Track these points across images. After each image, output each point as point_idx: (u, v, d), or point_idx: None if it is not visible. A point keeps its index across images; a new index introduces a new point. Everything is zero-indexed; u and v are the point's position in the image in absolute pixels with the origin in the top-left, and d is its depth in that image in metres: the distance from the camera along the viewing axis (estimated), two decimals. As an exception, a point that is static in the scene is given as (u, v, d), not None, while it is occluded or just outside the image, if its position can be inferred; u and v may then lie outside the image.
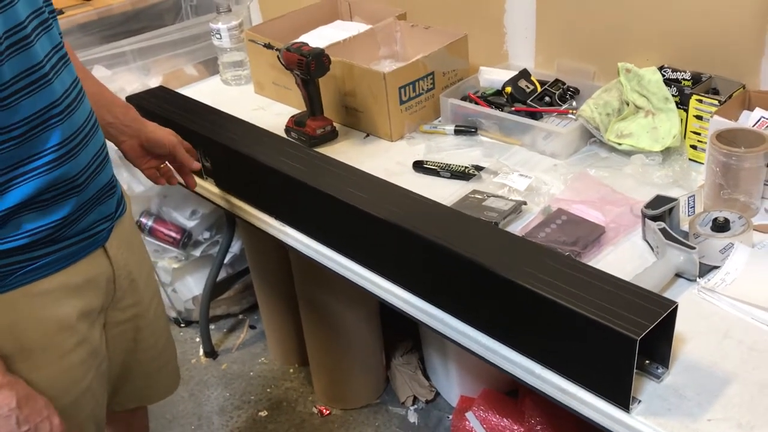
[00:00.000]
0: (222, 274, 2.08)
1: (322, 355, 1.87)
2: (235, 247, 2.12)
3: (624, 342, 0.78)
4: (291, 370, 2.04)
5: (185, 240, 2.02)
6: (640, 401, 0.84)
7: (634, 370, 0.81)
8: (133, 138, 1.20)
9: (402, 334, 1.95)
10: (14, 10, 0.83)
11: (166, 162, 1.29)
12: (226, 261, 2.07)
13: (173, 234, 2.01)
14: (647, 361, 0.88)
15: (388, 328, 1.87)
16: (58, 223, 0.93)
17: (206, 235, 2.08)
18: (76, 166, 0.93)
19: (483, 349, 0.99)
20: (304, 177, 1.20)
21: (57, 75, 0.90)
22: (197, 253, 2.07)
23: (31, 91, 0.85)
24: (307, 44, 1.46)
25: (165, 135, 1.23)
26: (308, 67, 1.42)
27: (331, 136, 1.53)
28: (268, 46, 1.58)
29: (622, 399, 0.83)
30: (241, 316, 2.25)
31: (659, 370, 0.87)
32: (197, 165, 1.28)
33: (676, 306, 0.82)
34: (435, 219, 1.05)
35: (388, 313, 1.14)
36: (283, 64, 1.47)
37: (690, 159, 1.29)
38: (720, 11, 1.28)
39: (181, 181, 1.33)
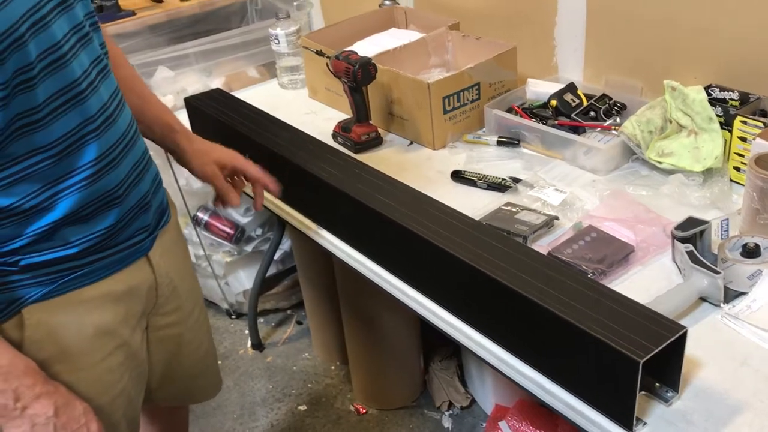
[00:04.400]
0: (272, 270, 2.15)
1: (361, 355, 1.91)
2: (286, 244, 2.18)
3: (628, 363, 0.79)
4: (332, 368, 2.09)
5: (238, 235, 2.10)
6: (645, 423, 0.85)
7: (638, 392, 0.81)
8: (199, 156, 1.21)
9: (442, 339, 1.97)
10: (50, 31, 0.83)
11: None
12: (276, 257, 2.14)
13: (227, 229, 2.09)
14: (657, 384, 0.88)
15: (429, 332, 1.89)
16: (102, 233, 0.95)
17: (258, 231, 2.15)
18: (115, 177, 0.94)
19: (496, 359, 1.01)
20: (340, 184, 1.24)
21: (94, 90, 0.91)
22: (249, 248, 2.15)
23: (66, 109, 0.86)
24: (355, 53, 1.50)
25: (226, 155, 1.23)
26: (355, 76, 1.46)
27: (376, 143, 1.57)
28: (320, 53, 1.63)
29: (626, 420, 0.83)
30: (288, 312, 2.32)
31: (669, 394, 0.87)
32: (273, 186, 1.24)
33: (686, 331, 0.82)
34: (462, 234, 1.07)
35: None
36: (331, 72, 1.52)
37: (732, 181, 1.26)
38: (762, 32, 1.25)
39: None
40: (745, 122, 1.23)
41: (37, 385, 0.87)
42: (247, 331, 2.21)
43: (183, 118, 1.71)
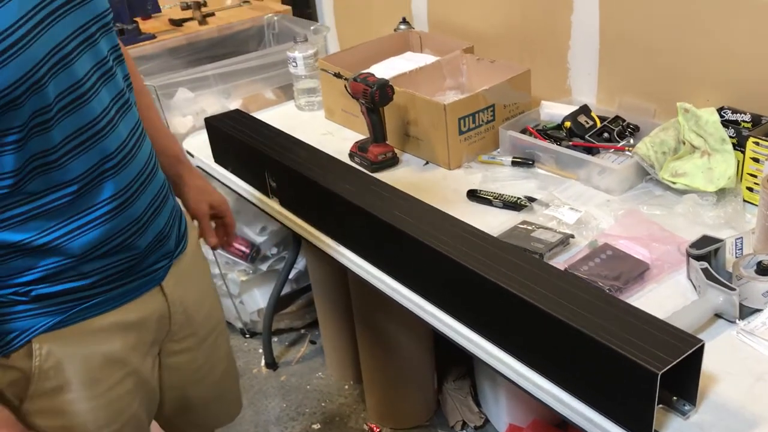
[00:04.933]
0: (286, 289, 2.17)
1: (375, 374, 1.92)
2: (300, 263, 2.21)
3: (647, 376, 0.80)
4: (346, 387, 2.10)
5: (253, 254, 2.13)
6: (663, 436, 0.86)
7: (657, 405, 0.83)
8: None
9: (456, 359, 1.98)
10: (71, 69, 0.83)
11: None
12: (291, 277, 2.16)
13: (243, 248, 2.12)
14: (675, 398, 0.89)
15: (442, 352, 1.91)
16: (118, 266, 0.95)
17: (274, 251, 2.18)
18: (134, 212, 0.94)
19: (513, 372, 1.02)
20: (358, 200, 1.27)
21: (113, 128, 0.90)
22: (264, 267, 2.18)
23: (84, 149, 0.86)
24: (373, 75, 1.54)
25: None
26: (372, 97, 1.50)
27: (392, 162, 1.59)
28: (338, 75, 1.67)
29: (645, 432, 0.84)
30: (302, 331, 2.33)
31: (686, 407, 0.88)
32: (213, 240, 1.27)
33: (703, 344, 0.83)
34: (478, 248, 1.09)
35: (442, 337, 1.17)
36: (349, 93, 1.56)
37: (745, 201, 1.28)
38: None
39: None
40: (757, 143, 1.25)
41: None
42: (261, 350, 2.23)
43: (203, 138, 1.75)
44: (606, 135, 1.50)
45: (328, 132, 1.82)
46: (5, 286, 0.89)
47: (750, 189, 1.28)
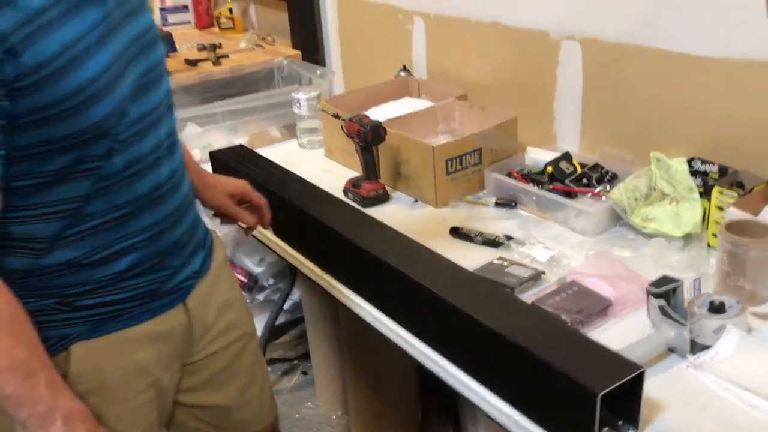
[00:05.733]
0: (281, 320, 2.25)
1: (361, 406, 1.97)
2: (296, 295, 2.28)
3: (589, 396, 0.87)
4: (334, 417, 2.15)
5: (251, 284, 2.21)
6: (607, 457, 0.92)
7: (603, 428, 0.89)
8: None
9: (439, 393, 2.03)
10: (142, 102, 0.96)
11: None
12: (285, 307, 2.23)
13: (241, 278, 2.20)
14: (620, 422, 0.95)
15: (427, 387, 1.96)
16: (154, 283, 1.05)
17: (270, 281, 2.26)
18: (175, 235, 1.05)
19: (479, 399, 1.08)
20: (347, 232, 1.36)
21: (167, 158, 1.02)
22: (261, 297, 2.25)
23: (141, 176, 0.97)
24: (368, 117, 1.64)
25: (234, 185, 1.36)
26: (366, 137, 1.60)
27: (383, 199, 1.68)
28: (336, 116, 1.77)
29: (588, 451, 0.90)
30: (295, 362, 2.39)
31: (630, 431, 0.94)
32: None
33: (643, 371, 0.90)
34: (451, 279, 1.17)
35: (429, 372, 1.23)
36: (345, 133, 1.65)
37: (710, 246, 1.35)
38: (746, 109, 1.36)
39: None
40: (721, 192, 1.33)
41: (65, 396, 0.93)
42: (254, 379, 2.29)
43: (207, 169, 1.84)
44: (585, 181, 1.58)
45: (328, 169, 1.91)
46: (53, 296, 0.98)
47: (714, 235, 1.35)
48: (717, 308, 1.09)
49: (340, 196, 1.70)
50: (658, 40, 1.47)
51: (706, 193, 1.37)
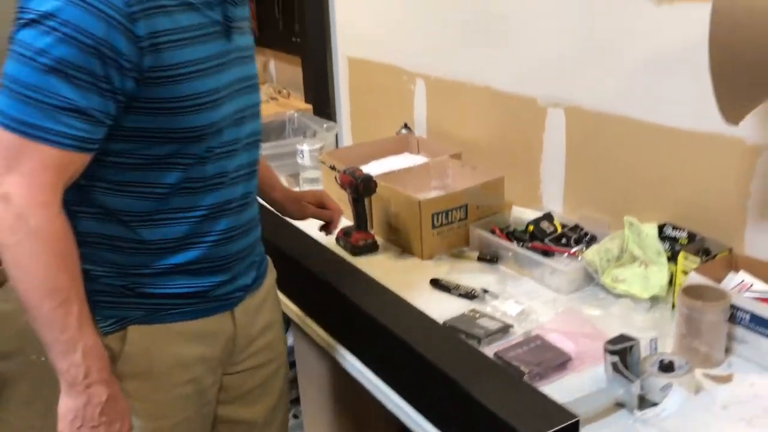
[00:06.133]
0: (275, 362, 2.30)
1: (346, 450, 2.01)
2: (289, 339, 2.34)
3: (525, 441, 0.93)
4: (319, 461, 2.18)
5: (248, 325, 2.28)
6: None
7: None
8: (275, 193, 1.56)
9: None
10: (239, 128, 1.15)
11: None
12: (280, 350, 2.30)
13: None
14: (560, 469, 1.00)
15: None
16: (206, 287, 1.18)
17: (268, 324, 2.33)
18: (236, 247, 1.20)
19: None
20: (332, 280, 1.44)
21: (246, 178, 1.20)
22: (257, 338, 2.32)
23: (222, 187, 1.14)
24: (360, 170, 1.73)
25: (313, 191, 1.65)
26: (357, 188, 1.69)
27: (372, 249, 1.76)
28: (332, 168, 1.87)
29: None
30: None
31: (568, 479, 0.99)
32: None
33: (578, 420, 0.95)
34: (423, 331, 1.25)
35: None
36: (338, 184, 1.75)
37: (674, 308, 1.40)
38: (711, 180, 1.43)
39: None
40: (686, 258, 1.38)
41: (103, 371, 1.05)
42: (246, 418, 2.34)
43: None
44: (564, 241, 1.65)
45: (323, 218, 2.00)
46: (123, 275, 1.13)
47: (680, 299, 1.41)
48: (666, 367, 1.14)
49: (333, 243, 1.79)
50: (634, 110, 1.55)
51: (673, 257, 1.43)
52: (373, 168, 1.97)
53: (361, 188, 1.69)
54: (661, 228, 1.50)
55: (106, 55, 0.96)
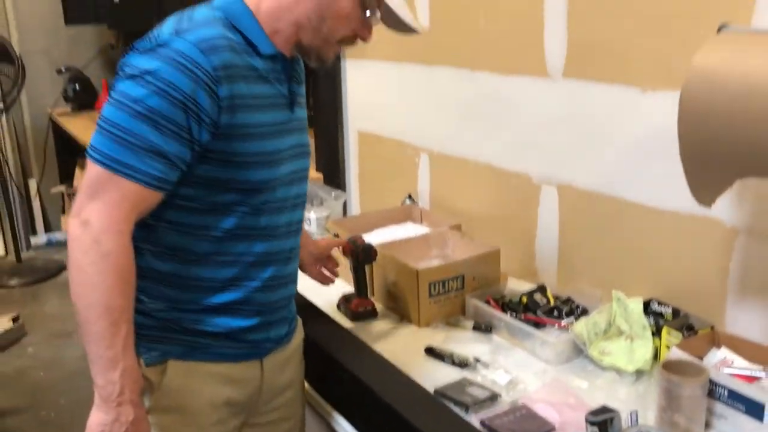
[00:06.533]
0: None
1: None
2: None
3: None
4: None
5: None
6: None
7: None
8: (305, 250, 1.64)
9: None
10: (289, 188, 1.29)
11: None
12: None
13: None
14: None
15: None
16: (241, 329, 1.28)
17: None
18: (275, 297, 1.32)
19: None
20: (327, 345, 1.51)
21: (291, 235, 1.34)
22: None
23: (270, 238, 1.28)
24: (362, 238, 1.82)
25: (325, 241, 1.77)
26: (357, 256, 1.77)
27: (371, 315, 1.83)
28: (336, 236, 1.96)
29: None
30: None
31: None
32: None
33: (550, 487, 0.99)
34: (414, 400, 1.31)
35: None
36: (340, 252, 1.83)
37: (659, 383, 1.44)
38: (691, 259, 1.50)
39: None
40: (669, 333, 1.44)
41: (135, 393, 1.13)
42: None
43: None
44: (556, 313, 1.70)
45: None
46: (172, 309, 1.24)
47: (664, 373, 1.45)
48: (637, 439, 1.19)
49: (334, 308, 1.86)
50: (622, 191, 1.64)
51: (658, 332, 1.48)
52: (376, 236, 2.06)
53: (361, 256, 1.77)
54: (647, 303, 1.56)
55: (191, 109, 1.11)
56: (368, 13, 1.26)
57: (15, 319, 3.60)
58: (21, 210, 4.70)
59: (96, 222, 1.08)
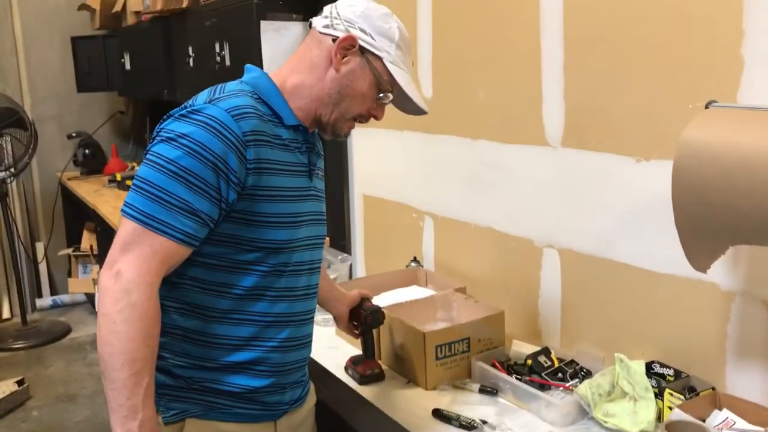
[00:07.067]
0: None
1: None
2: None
3: None
4: None
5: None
6: None
7: None
8: (341, 305, 1.76)
9: None
10: (304, 253, 1.36)
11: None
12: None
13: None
14: None
15: None
16: (257, 389, 1.33)
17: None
18: (287, 357, 1.36)
19: None
20: (339, 409, 1.54)
21: (309, 297, 1.40)
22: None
23: (288, 300, 1.34)
24: (370, 301, 1.87)
25: (353, 292, 1.80)
26: (366, 320, 1.81)
27: (379, 378, 1.86)
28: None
29: None
30: None
31: None
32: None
33: None
34: None
35: None
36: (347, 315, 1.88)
37: (663, 444, 1.47)
38: (690, 322, 1.55)
39: None
40: (671, 394, 1.47)
41: None
42: None
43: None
44: (560, 375, 1.74)
45: (334, 346, 2.11)
46: (191, 367, 1.30)
47: (667, 434, 1.48)
48: (649, 501, 1.21)
49: (342, 371, 1.89)
50: (620, 255, 1.70)
51: (660, 394, 1.52)
52: (383, 299, 2.11)
53: (369, 320, 1.81)
54: (649, 365, 1.60)
55: (221, 169, 1.19)
56: (382, 95, 1.36)
57: (20, 383, 3.61)
58: (28, 273, 4.75)
59: (127, 273, 1.14)
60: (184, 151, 1.18)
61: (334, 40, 1.33)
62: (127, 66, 4.38)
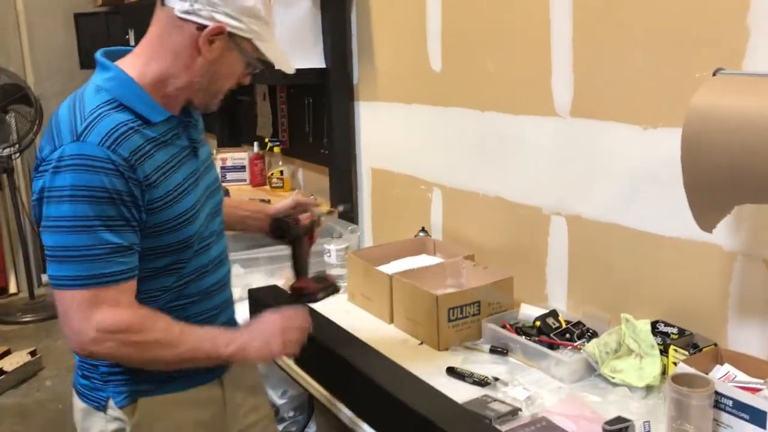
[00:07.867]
0: (296, 450, 2.42)
1: None
2: (312, 429, 2.47)
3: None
4: None
5: (272, 415, 2.41)
6: None
7: None
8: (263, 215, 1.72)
9: None
10: (202, 215, 1.37)
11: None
12: (301, 439, 2.42)
13: (264, 407, 2.41)
14: None
15: None
16: None
17: (291, 414, 2.46)
18: (217, 323, 1.43)
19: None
20: (362, 366, 1.61)
21: (214, 244, 1.44)
22: (280, 428, 2.44)
23: (203, 277, 1.40)
24: (306, 210, 1.75)
25: (284, 202, 1.74)
26: (287, 228, 1.72)
27: (310, 298, 1.71)
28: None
29: None
30: (306, 494, 2.52)
31: None
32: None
33: (576, 483, 1.09)
34: (442, 407, 1.42)
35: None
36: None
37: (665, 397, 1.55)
38: (694, 282, 1.62)
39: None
40: (676, 350, 1.55)
41: (239, 337, 1.36)
42: (265, 507, 2.42)
43: (245, 306, 2.12)
44: (568, 335, 1.81)
45: (347, 311, 2.18)
46: None
47: (672, 388, 1.56)
48: (657, 445, 1.29)
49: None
50: (627, 219, 1.76)
51: (665, 351, 1.59)
52: (393, 267, 2.17)
53: (284, 226, 1.71)
54: (654, 324, 1.67)
55: (121, 199, 1.20)
56: (251, 70, 1.37)
57: (32, 353, 3.68)
58: (34, 248, 4.80)
59: (112, 325, 1.21)
60: (78, 201, 1.17)
61: (199, 28, 1.25)
62: (132, 42, 4.40)
